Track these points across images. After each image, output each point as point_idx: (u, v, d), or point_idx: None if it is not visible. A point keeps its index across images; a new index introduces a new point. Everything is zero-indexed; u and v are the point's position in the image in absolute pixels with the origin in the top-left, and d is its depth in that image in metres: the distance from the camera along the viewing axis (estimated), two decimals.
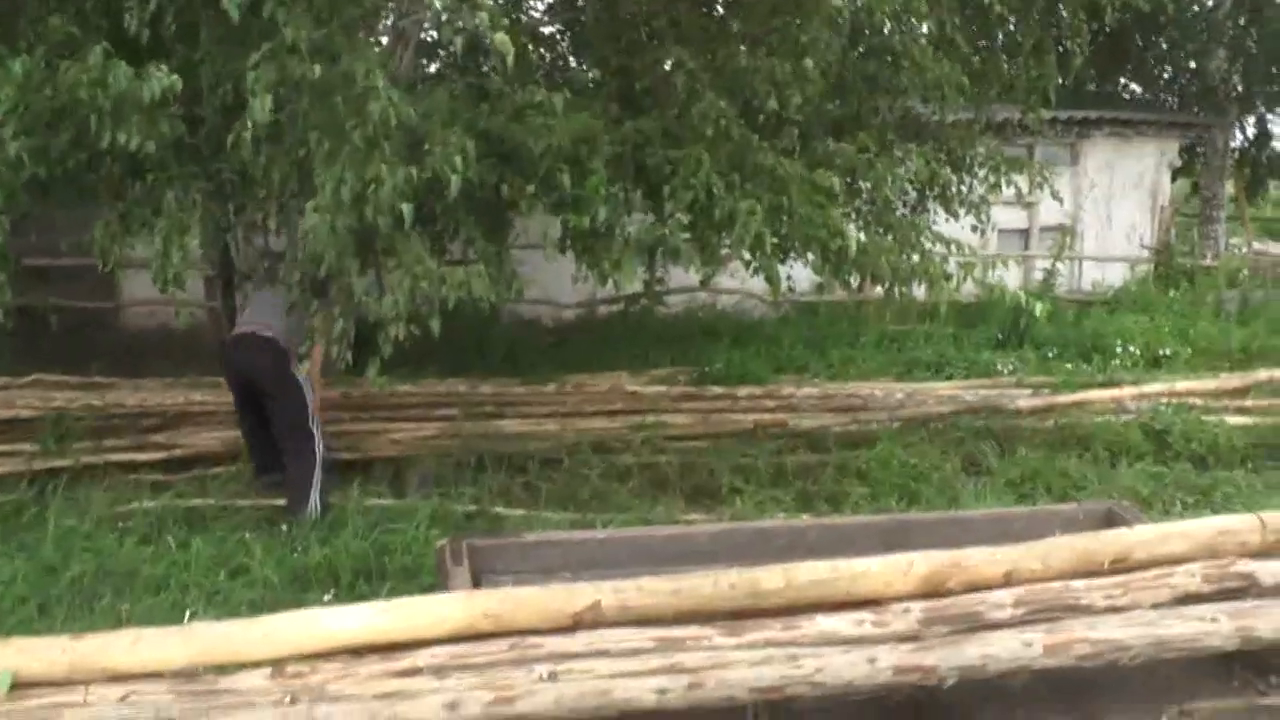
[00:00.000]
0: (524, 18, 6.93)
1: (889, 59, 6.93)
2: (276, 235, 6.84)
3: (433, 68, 7.17)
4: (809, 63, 5.78)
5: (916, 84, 6.83)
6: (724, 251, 5.76)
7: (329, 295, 5.21)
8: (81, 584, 4.60)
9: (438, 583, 3.08)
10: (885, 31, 6.74)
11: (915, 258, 6.22)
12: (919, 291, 6.27)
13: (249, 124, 4.44)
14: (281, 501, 5.54)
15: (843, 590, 2.87)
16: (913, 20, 6.77)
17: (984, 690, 2.86)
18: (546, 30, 7.18)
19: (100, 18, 5.36)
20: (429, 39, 6.47)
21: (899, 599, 2.87)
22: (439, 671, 2.33)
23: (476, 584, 2.91)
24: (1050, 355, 9.57)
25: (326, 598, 4.51)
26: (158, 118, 4.67)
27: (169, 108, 4.65)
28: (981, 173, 7.40)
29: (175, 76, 4.45)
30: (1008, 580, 2.95)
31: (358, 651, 2.36)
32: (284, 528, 5.25)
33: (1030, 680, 2.88)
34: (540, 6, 7.33)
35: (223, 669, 2.11)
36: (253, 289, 5.66)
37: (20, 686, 1.76)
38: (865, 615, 2.79)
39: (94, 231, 5.43)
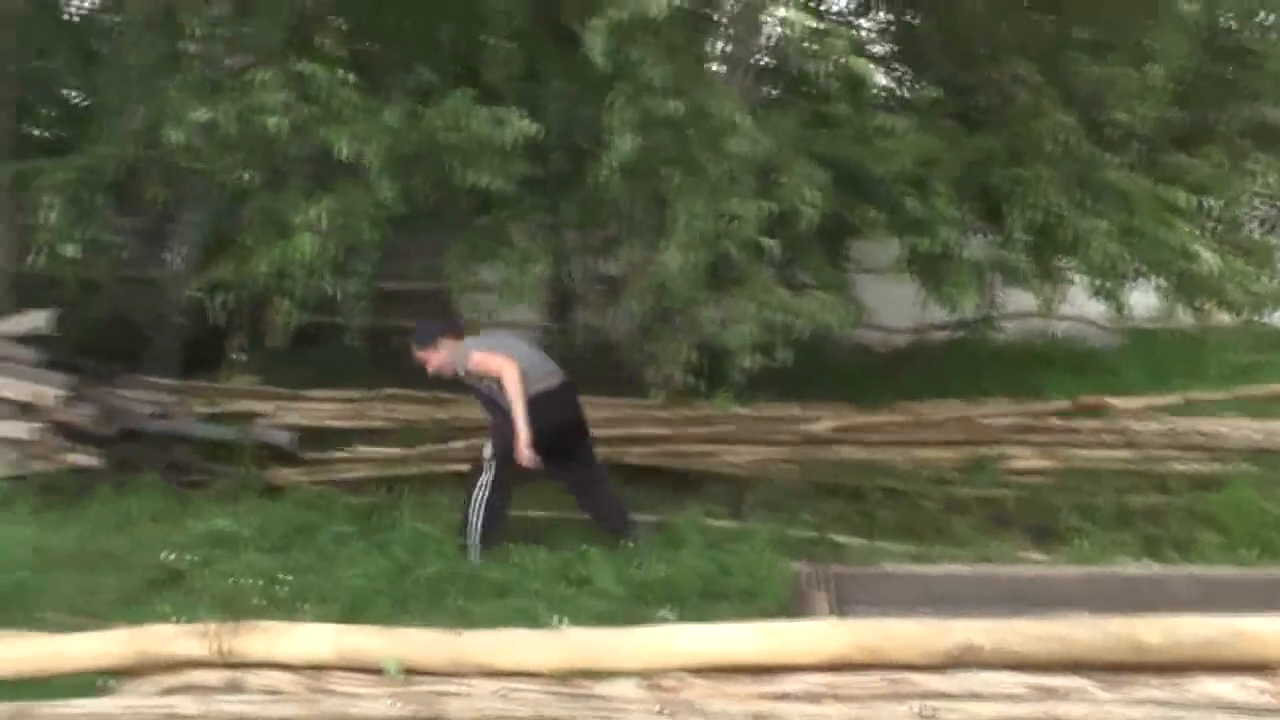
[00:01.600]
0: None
1: (1241, 60, 6.37)
2: (615, 263, 7.11)
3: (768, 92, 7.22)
4: (1157, 69, 5.41)
5: (1273, 87, 6.24)
6: (1065, 274, 5.48)
7: (674, 323, 5.37)
8: (431, 583, 4.92)
9: (794, 608, 3.06)
10: (1235, 29, 6.21)
11: (1273, 282, 5.68)
12: (1276, 318, 5.70)
13: (609, 161, 4.63)
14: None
15: (1231, 651, 2.60)
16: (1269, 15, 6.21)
17: None
18: (878, 50, 7.09)
19: (458, 66, 5.78)
20: (764, 64, 6.54)
21: None
22: (812, 699, 2.30)
23: (836, 612, 2.87)
24: None
25: (663, 613, 4.60)
26: (511, 159, 4.97)
27: (521, 150, 4.94)
28: None
29: (532, 123, 4.72)
30: None
31: (727, 670, 2.36)
32: (626, 543, 5.38)
33: None
34: (869, 26, 7.25)
35: (594, 675, 2.14)
36: (519, 340, 5.62)
37: (409, 673, 1.87)
38: (1260, 683, 2.52)
39: (445, 259, 5.85)
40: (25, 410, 6.62)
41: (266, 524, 5.61)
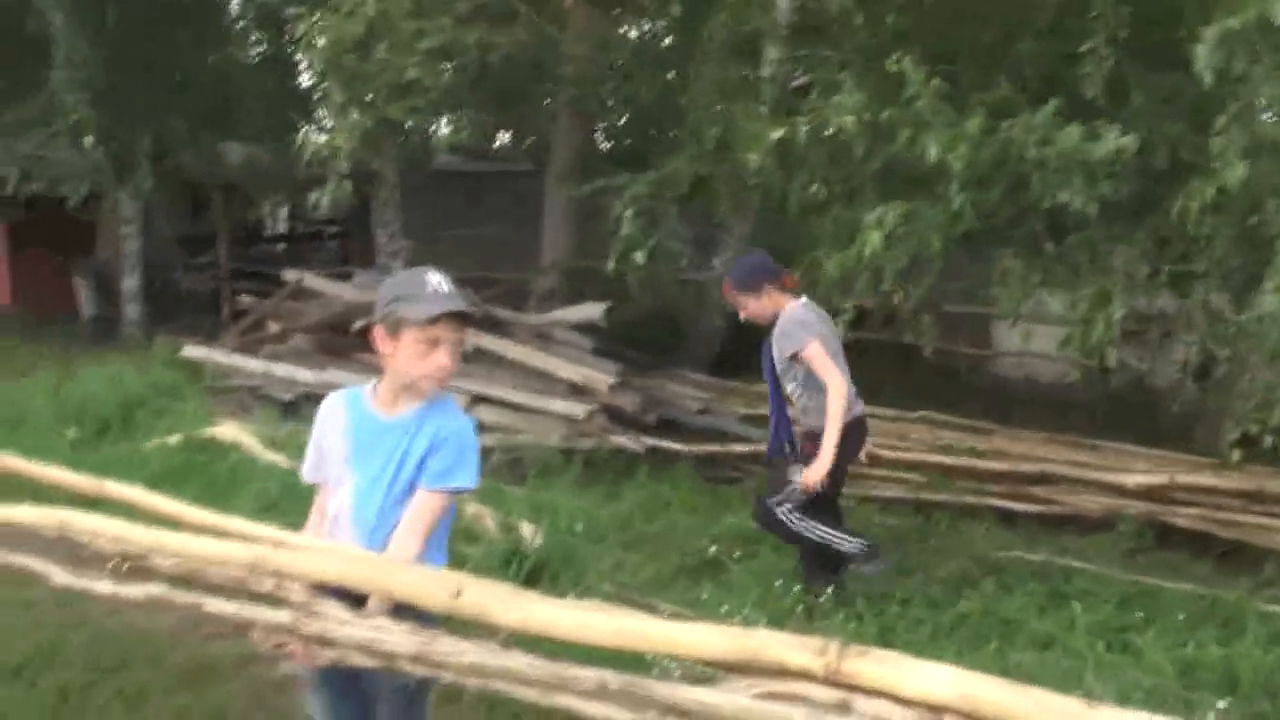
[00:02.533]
0: None
1: None
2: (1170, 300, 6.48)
3: None
4: None
5: None
6: None
7: (1241, 377, 4.79)
8: (968, 622, 4.75)
9: None
10: None
11: None
12: None
13: (1202, 190, 4.21)
14: None
15: None
16: None
17: None
18: None
19: (1041, 81, 5.53)
20: None
21: None
22: None
23: None
24: None
25: (1221, 705, 4.08)
26: (1098, 178, 4.65)
27: (1113, 168, 4.61)
28: None
29: (1130, 137, 4.39)
30: None
31: None
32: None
33: None
34: None
35: None
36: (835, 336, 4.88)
37: None
38: None
39: (999, 282, 5.61)
40: (577, 391, 7.35)
41: None
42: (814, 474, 4.54)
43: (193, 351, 9.72)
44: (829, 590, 4.85)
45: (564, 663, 2.00)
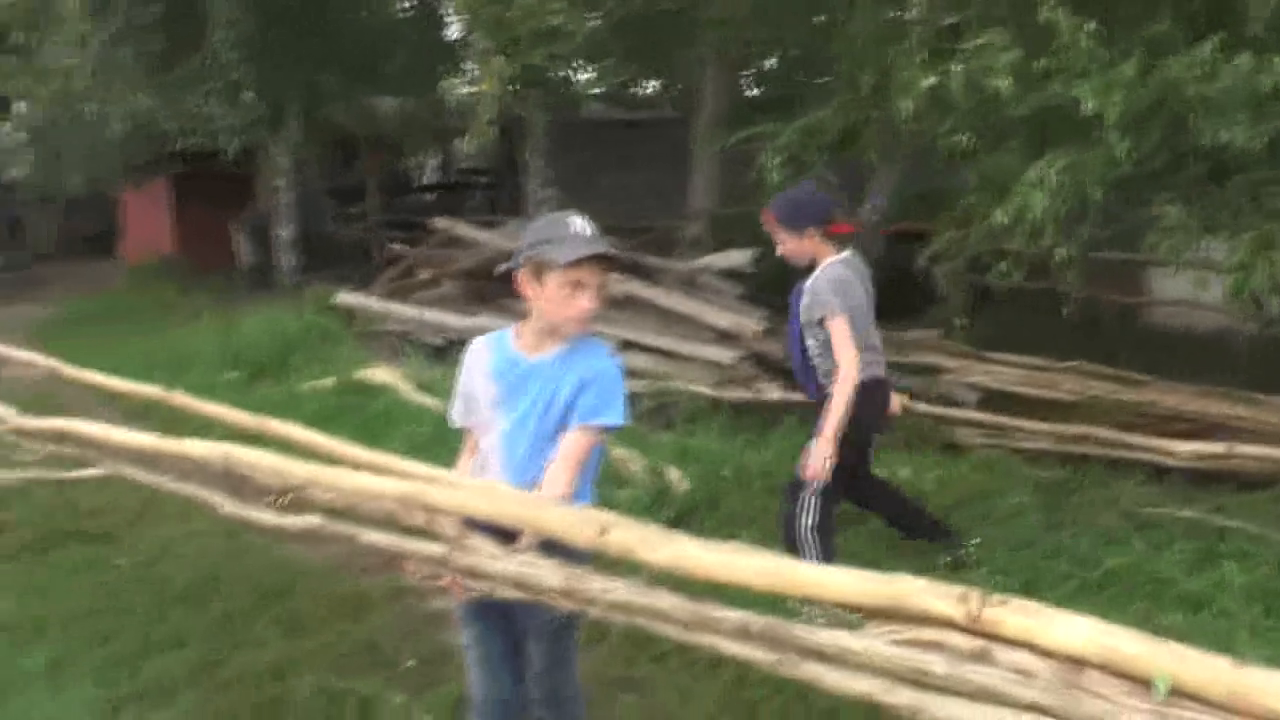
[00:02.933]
0: None
1: None
2: None
3: None
4: None
5: None
6: None
7: None
8: (1114, 578, 4.63)
9: None
10: None
11: None
12: None
13: None
14: None
15: None
16: None
17: None
18: None
19: (1203, 17, 5.25)
20: None
21: None
22: None
23: None
24: None
25: None
26: (1268, 113, 4.41)
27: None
28: None
29: None
30: None
31: None
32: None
33: None
34: None
35: None
36: (865, 294, 4.47)
37: (1175, 694, 1.69)
38: None
39: (1159, 228, 5.39)
40: (725, 338, 7.36)
41: (946, 479, 5.67)
42: (813, 466, 4.17)
43: (345, 298, 10.11)
44: (966, 544, 4.78)
45: (708, 603, 2.05)
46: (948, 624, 1.88)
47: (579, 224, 2.57)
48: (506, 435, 2.68)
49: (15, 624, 4.41)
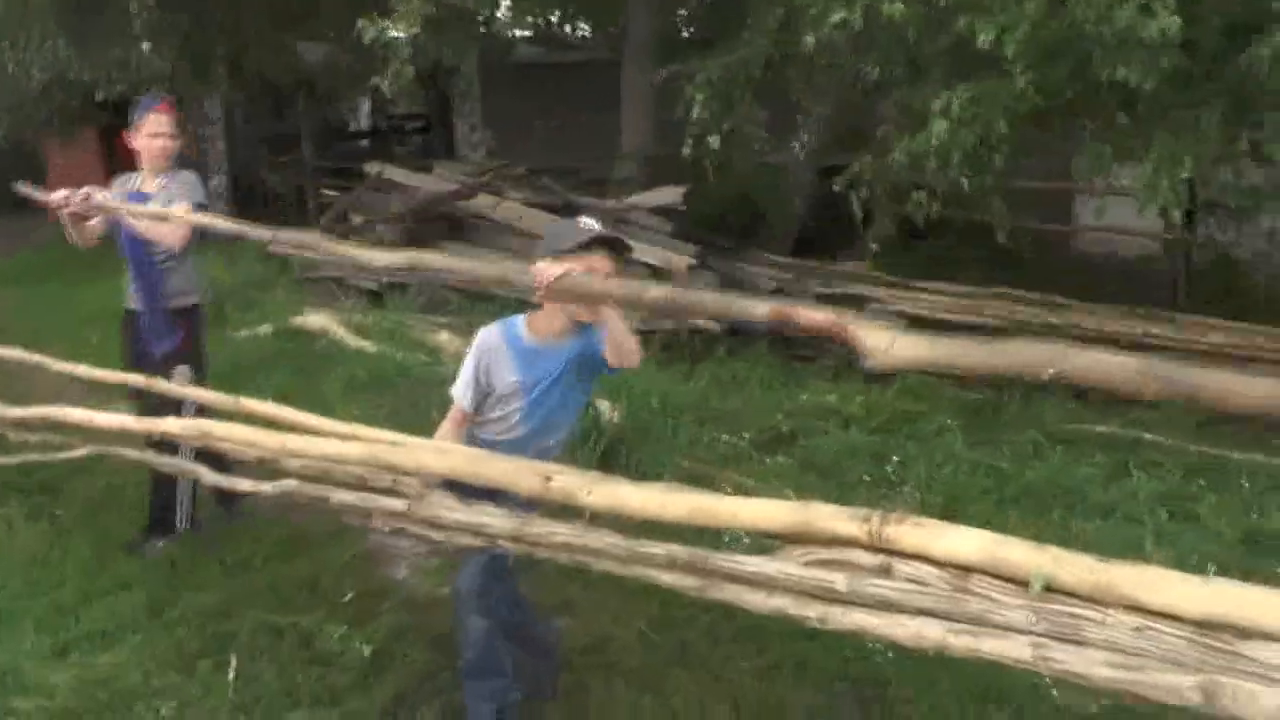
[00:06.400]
0: None
1: None
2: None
3: None
4: None
5: None
6: None
7: None
8: (1032, 491, 4.83)
9: None
10: None
11: None
12: None
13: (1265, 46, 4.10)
14: None
15: None
16: None
17: None
18: None
19: None
20: None
21: None
22: None
23: None
24: None
25: None
26: (1159, 53, 4.54)
27: (1171, 46, 4.49)
28: None
29: (1175, 19, 4.28)
30: None
31: None
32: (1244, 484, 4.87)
33: None
34: None
35: (1241, 632, 1.95)
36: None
37: (1049, 590, 1.85)
38: None
39: (1077, 159, 5.53)
40: (656, 274, 7.42)
41: (872, 405, 5.83)
42: None
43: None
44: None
45: (640, 540, 2.27)
46: (853, 543, 2.03)
47: (588, 223, 2.87)
48: (527, 407, 2.95)
49: None
